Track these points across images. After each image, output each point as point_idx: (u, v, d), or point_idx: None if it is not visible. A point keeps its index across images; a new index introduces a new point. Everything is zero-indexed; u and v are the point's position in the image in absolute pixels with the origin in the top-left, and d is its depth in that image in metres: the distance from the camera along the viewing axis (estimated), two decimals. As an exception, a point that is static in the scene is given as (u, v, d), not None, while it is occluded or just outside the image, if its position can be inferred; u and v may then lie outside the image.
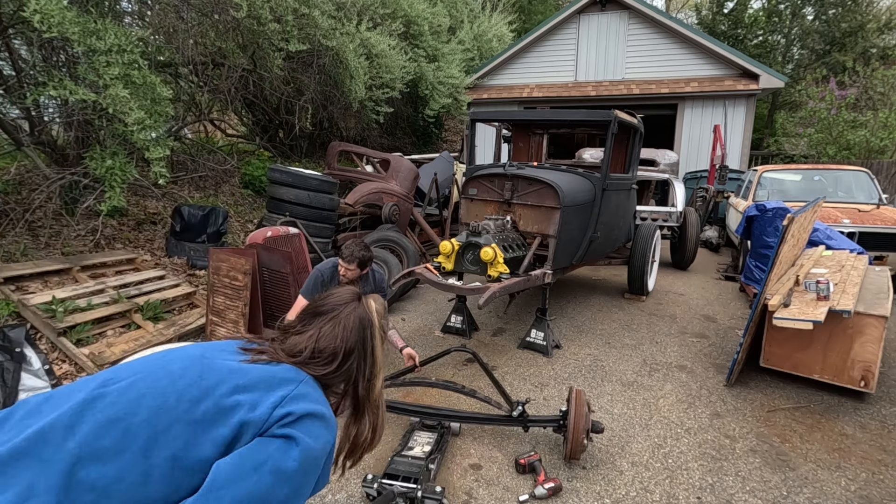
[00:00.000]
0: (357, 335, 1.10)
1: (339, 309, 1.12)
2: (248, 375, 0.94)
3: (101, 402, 0.85)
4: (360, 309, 1.14)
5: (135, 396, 0.86)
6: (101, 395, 0.86)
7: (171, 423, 0.84)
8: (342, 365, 1.07)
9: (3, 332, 3.15)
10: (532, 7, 21.35)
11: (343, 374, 1.08)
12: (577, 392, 2.53)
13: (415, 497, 2.12)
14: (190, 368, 0.92)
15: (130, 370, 0.93)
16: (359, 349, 1.09)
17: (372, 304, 1.18)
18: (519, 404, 2.65)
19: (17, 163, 5.38)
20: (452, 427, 2.78)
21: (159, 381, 0.89)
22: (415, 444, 2.53)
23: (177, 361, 0.95)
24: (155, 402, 0.85)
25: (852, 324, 3.14)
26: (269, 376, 0.95)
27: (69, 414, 0.83)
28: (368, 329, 1.12)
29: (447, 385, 2.92)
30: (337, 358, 1.06)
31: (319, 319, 1.10)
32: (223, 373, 0.93)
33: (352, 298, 1.16)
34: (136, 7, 5.36)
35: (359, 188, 6.24)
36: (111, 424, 0.82)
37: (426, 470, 2.29)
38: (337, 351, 1.06)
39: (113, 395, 0.86)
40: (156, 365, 0.93)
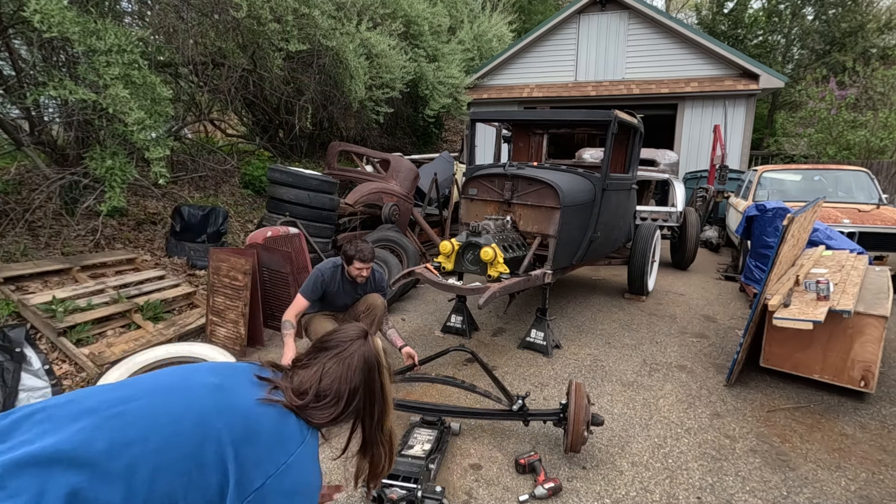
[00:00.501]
0: (361, 375, 1.09)
1: (344, 346, 1.11)
2: (259, 428, 0.95)
3: (119, 420, 0.86)
4: (365, 347, 1.13)
5: (150, 423, 0.87)
6: (120, 413, 0.87)
7: (179, 459, 0.86)
8: (347, 406, 1.07)
9: (3, 332, 3.15)
10: (532, 7, 21.35)
11: (350, 415, 1.09)
12: (577, 385, 2.54)
13: (415, 497, 2.12)
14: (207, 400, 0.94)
15: (149, 385, 0.94)
16: (364, 389, 1.09)
17: (378, 342, 1.17)
18: (519, 398, 2.66)
19: (17, 163, 5.38)
20: (452, 427, 2.78)
21: (175, 405, 0.91)
22: (415, 441, 2.53)
23: (196, 390, 0.96)
24: (169, 430, 0.87)
25: (852, 324, 3.14)
26: (275, 435, 0.96)
27: (89, 429, 0.83)
28: (375, 369, 1.12)
29: (447, 380, 2.92)
30: (342, 399, 1.06)
31: (324, 355, 1.11)
32: (237, 415, 0.94)
33: (358, 335, 1.15)
34: (136, 7, 5.36)
35: (359, 188, 6.24)
36: (124, 448, 0.83)
37: (426, 470, 2.29)
38: (341, 392, 1.07)
39: (130, 416, 0.87)
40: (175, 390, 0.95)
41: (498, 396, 2.77)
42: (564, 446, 2.54)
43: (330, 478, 2.40)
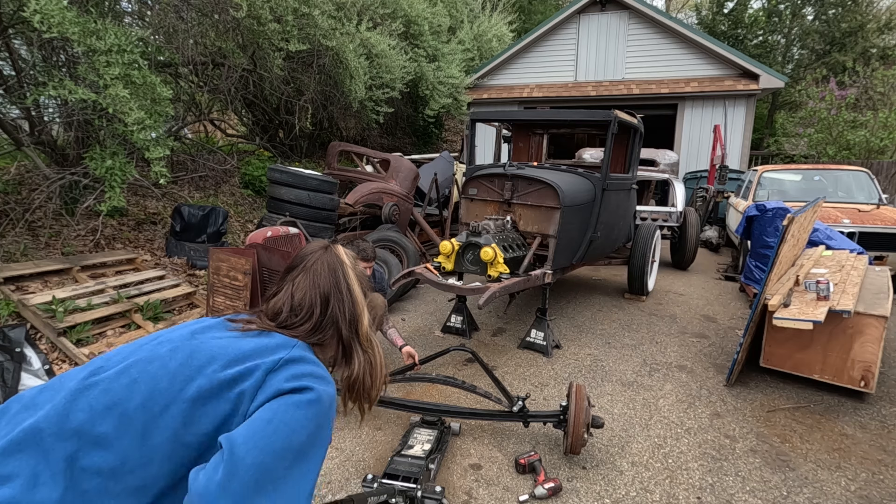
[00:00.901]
0: (329, 279, 1.09)
1: (307, 258, 1.12)
2: (241, 348, 0.94)
3: (95, 389, 0.86)
4: (327, 254, 1.13)
5: (127, 382, 0.86)
6: (94, 383, 0.86)
7: (167, 405, 0.85)
8: (324, 314, 1.06)
9: (3, 332, 3.15)
10: (532, 7, 21.35)
11: (328, 324, 1.06)
12: (578, 387, 2.54)
13: (415, 497, 2.12)
14: (179, 349, 0.93)
15: (120, 356, 0.93)
16: (335, 293, 1.08)
17: (340, 248, 1.17)
18: (519, 399, 2.66)
19: (17, 163, 5.38)
20: (452, 427, 2.78)
21: (150, 364, 0.89)
22: (415, 441, 2.53)
23: (165, 344, 0.95)
24: (147, 387, 0.86)
25: (852, 324, 3.14)
26: (261, 346, 0.95)
27: (63, 403, 0.83)
28: (339, 269, 1.11)
29: (447, 380, 2.91)
30: (315, 307, 1.06)
31: (292, 274, 1.11)
32: (214, 350, 0.93)
33: (320, 247, 1.15)
34: (136, 7, 5.36)
35: (359, 188, 6.24)
36: (107, 411, 0.83)
37: (426, 470, 2.29)
38: (313, 301, 1.06)
39: (105, 383, 0.86)
40: (145, 349, 0.94)
41: (498, 397, 2.77)
42: (564, 448, 2.54)
43: (330, 478, 2.41)
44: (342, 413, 1.24)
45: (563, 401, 2.65)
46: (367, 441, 2.71)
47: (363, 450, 2.64)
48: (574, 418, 2.42)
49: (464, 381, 2.90)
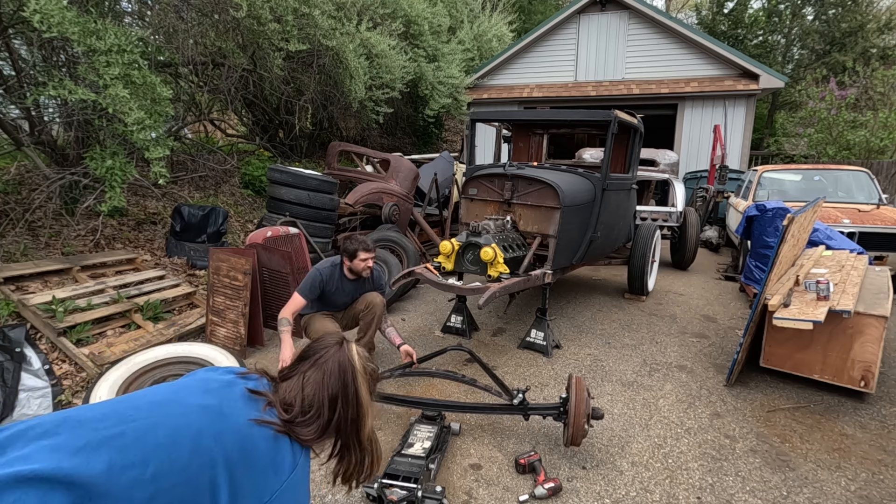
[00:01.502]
0: (338, 380, 1.11)
1: (321, 353, 1.15)
2: (254, 452, 0.96)
3: (119, 441, 0.86)
4: (339, 353, 1.15)
5: (152, 446, 0.87)
6: (121, 433, 0.87)
7: (175, 485, 0.86)
8: (331, 416, 1.09)
9: (3, 332, 3.15)
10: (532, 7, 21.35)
11: (333, 427, 1.11)
12: (577, 378, 2.55)
13: (415, 497, 2.12)
14: (202, 423, 0.94)
15: (149, 405, 0.95)
16: (342, 396, 1.11)
17: (354, 348, 1.19)
18: (519, 392, 2.65)
19: (17, 163, 5.38)
20: (453, 427, 2.78)
21: (173, 428, 0.91)
22: (415, 439, 2.53)
23: (192, 412, 0.96)
24: (166, 456, 0.87)
25: (852, 324, 3.14)
26: (269, 461, 0.98)
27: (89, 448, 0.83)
28: (350, 372, 1.13)
29: (447, 374, 2.91)
30: (324, 409, 1.09)
31: (304, 364, 1.14)
32: (232, 439, 0.95)
33: (335, 342, 1.18)
34: (136, 7, 5.36)
35: (359, 188, 6.24)
36: (123, 471, 0.83)
37: (426, 469, 2.29)
38: (322, 401, 1.09)
39: (130, 437, 0.87)
40: (172, 412, 0.95)
41: (498, 391, 2.77)
42: (565, 440, 2.54)
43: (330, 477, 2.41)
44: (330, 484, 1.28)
45: (562, 394, 2.65)
46: (367, 441, 2.71)
47: (363, 450, 2.63)
48: (574, 409, 2.43)
49: (463, 375, 2.90)
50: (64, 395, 3.07)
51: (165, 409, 0.95)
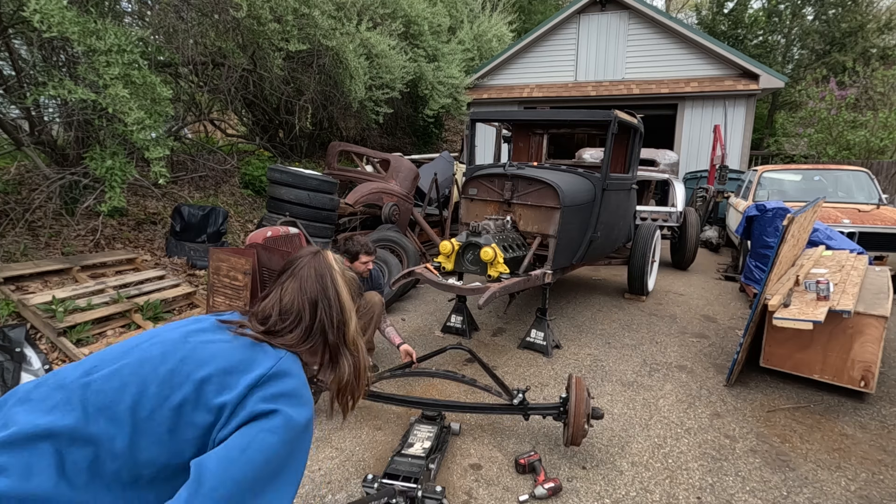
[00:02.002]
0: (316, 283, 1.10)
1: (297, 262, 1.13)
2: (230, 358, 0.94)
3: (88, 390, 0.88)
4: (315, 259, 1.14)
5: (118, 385, 0.89)
6: (87, 383, 0.89)
7: (154, 410, 0.87)
8: (312, 321, 1.07)
9: (3, 332, 3.15)
10: (532, 7, 21.35)
11: (317, 331, 1.07)
12: (577, 378, 2.55)
13: (415, 497, 2.12)
14: (171, 353, 0.94)
15: (114, 355, 0.95)
16: (322, 298, 1.09)
17: (329, 253, 1.18)
18: (519, 392, 2.65)
19: (17, 163, 5.38)
20: (453, 427, 2.78)
21: (141, 367, 0.92)
22: (415, 439, 2.52)
23: (158, 346, 0.96)
24: (137, 390, 0.88)
25: (852, 324, 3.14)
26: (248, 359, 0.95)
27: (57, 401, 0.87)
28: (328, 275, 1.11)
29: (447, 374, 2.90)
30: (304, 313, 1.06)
31: (282, 279, 1.12)
32: (204, 357, 0.94)
33: (309, 252, 1.16)
34: (136, 7, 5.36)
35: (359, 188, 6.24)
36: (98, 413, 0.86)
37: (426, 469, 2.29)
38: (302, 306, 1.07)
39: (98, 383, 0.89)
40: (139, 351, 0.96)
41: (498, 391, 2.77)
42: (565, 439, 2.54)
43: (330, 477, 2.41)
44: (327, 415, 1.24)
45: (562, 394, 2.65)
46: (367, 441, 2.71)
47: (363, 450, 2.64)
48: (574, 409, 2.43)
49: (463, 375, 2.90)
50: (64, 395, 3.07)
51: (132, 350, 0.96)
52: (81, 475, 0.83)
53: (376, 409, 3.06)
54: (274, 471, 0.87)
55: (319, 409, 3.02)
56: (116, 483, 0.86)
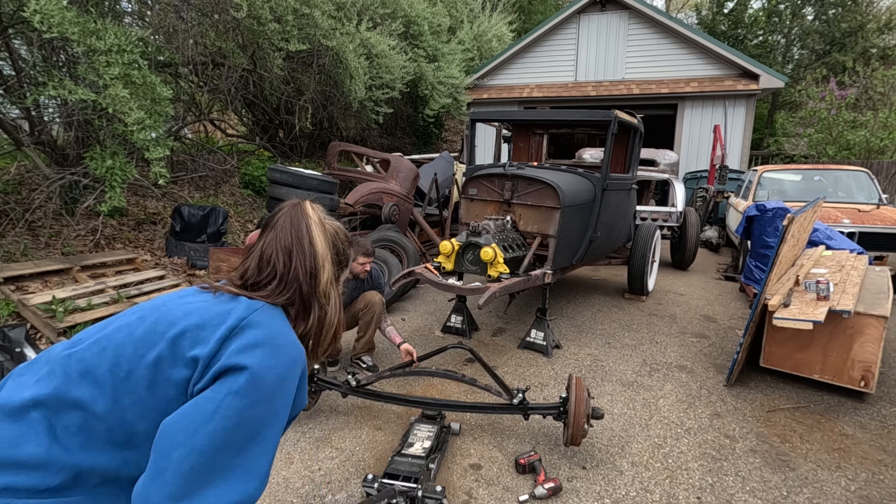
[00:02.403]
0: (290, 231, 1.06)
1: (276, 215, 1.11)
2: (204, 314, 0.94)
3: (71, 359, 0.91)
4: (293, 209, 1.11)
5: (97, 351, 0.91)
6: (71, 354, 0.92)
7: (131, 370, 0.88)
8: (287, 268, 1.03)
9: (3, 332, 3.15)
10: (532, 7, 21.36)
11: (293, 281, 1.04)
12: (577, 378, 2.55)
13: (415, 496, 2.12)
14: (147, 317, 0.95)
15: (96, 329, 0.98)
16: (296, 246, 1.05)
17: (308, 203, 1.14)
18: (519, 392, 2.65)
19: (17, 163, 5.38)
20: (453, 427, 2.79)
21: (118, 332, 0.94)
22: (415, 439, 2.53)
23: (136, 312, 0.98)
24: (113, 353, 0.90)
25: (852, 324, 3.14)
26: (223, 312, 0.94)
27: (45, 374, 0.90)
28: (303, 223, 1.08)
29: (447, 374, 2.89)
30: (278, 263, 1.03)
31: (264, 233, 1.10)
32: (178, 315, 0.94)
33: (288, 204, 1.13)
34: (136, 7, 5.36)
35: (359, 188, 6.24)
36: (80, 378, 0.89)
37: (426, 469, 2.29)
38: (277, 254, 1.04)
39: (80, 353, 0.92)
40: (118, 320, 0.98)
41: (498, 391, 2.77)
42: (565, 439, 2.53)
43: (330, 477, 2.41)
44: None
45: (562, 393, 2.65)
46: (367, 441, 2.72)
47: (363, 450, 2.64)
48: (574, 409, 2.43)
49: (463, 375, 2.89)
50: (64, 395, 3.07)
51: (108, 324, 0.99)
52: (74, 438, 0.85)
53: (376, 409, 3.05)
54: (247, 435, 0.85)
55: (319, 409, 3.02)
56: (111, 444, 0.87)
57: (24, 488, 0.80)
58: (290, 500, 2.27)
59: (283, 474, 2.44)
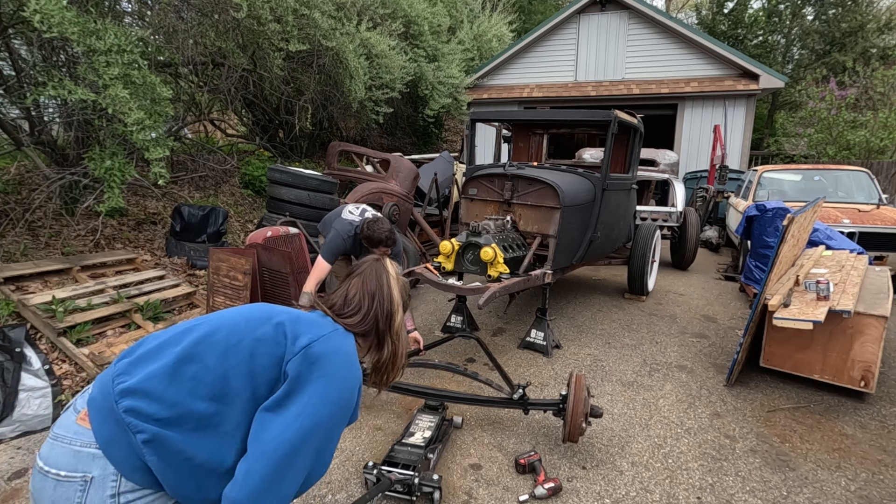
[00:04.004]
0: (376, 282, 1.37)
1: (361, 265, 1.43)
2: (301, 317, 1.24)
3: (194, 330, 1.17)
4: (377, 263, 1.43)
5: (216, 325, 1.18)
6: (194, 326, 1.19)
7: (242, 339, 1.14)
8: (370, 309, 1.34)
9: (3, 332, 3.15)
10: (532, 7, 21.35)
11: (372, 318, 1.34)
12: (578, 377, 2.58)
13: (412, 484, 2.16)
14: (256, 308, 1.25)
15: (210, 316, 1.24)
16: (378, 293, 1.36)
17: (388, 261, 1.46)
18: (520, 387, 2.69)
19: (17, 163, 5.38)
20: (455, 420, 2.81)
21: (233, 316, 1.22)
22: (416, 429, 2.60)
23: (245, 306, 1.27)
24: (230, 326, 1.18)
25: (852, 324, 3.14)
26: (314, 320, 1.24)
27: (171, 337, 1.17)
28: (385, 276, 1.39)
29: (450, 367, 2.94)
30: (363, 303, 1.34)
31: (349, 278, 1.41)
32: (279, 311, 1.24)
33: (373, 259, 1.46)
34: (136, 7, 5.36)
35: (359, 188, 6.23)
36: (201, 341, 1.14)
37: (425, 459, 2.34)
38: (363, 298, 1.35)
39: (201, 327, 1.18)
40: (229, 311, 1.26)
41: (500, 385, 2.80)
42: (563, 436, 2.55)
43: (330, 477, 2.41)
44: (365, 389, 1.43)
45: (563, 390, 2.66)
46: (367, 441, 2.72)
47: (363, 450, 2.64)
48: (573, 407, 2.46)
49: (465, 369, 2.94)
50: (64, 395, 3.07)
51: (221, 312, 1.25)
52: (186, 384, 1.08)
53: (376, 409, 3.06)
54: (326, 433, 1.12)
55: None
56: (210, 396, 1.08)
57: (145, 413, 1.03)
58: (290, 500, 2.27)
59: (283, 474, 2.44)
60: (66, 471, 1.01)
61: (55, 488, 1.00)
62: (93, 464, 1.01)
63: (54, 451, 1.03)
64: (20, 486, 2.37)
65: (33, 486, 1.04)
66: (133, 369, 1.09)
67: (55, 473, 1.01)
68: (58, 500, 1.00)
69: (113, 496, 1.01)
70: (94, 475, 1.01)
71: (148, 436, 1.02)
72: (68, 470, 1.01)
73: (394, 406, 3.08)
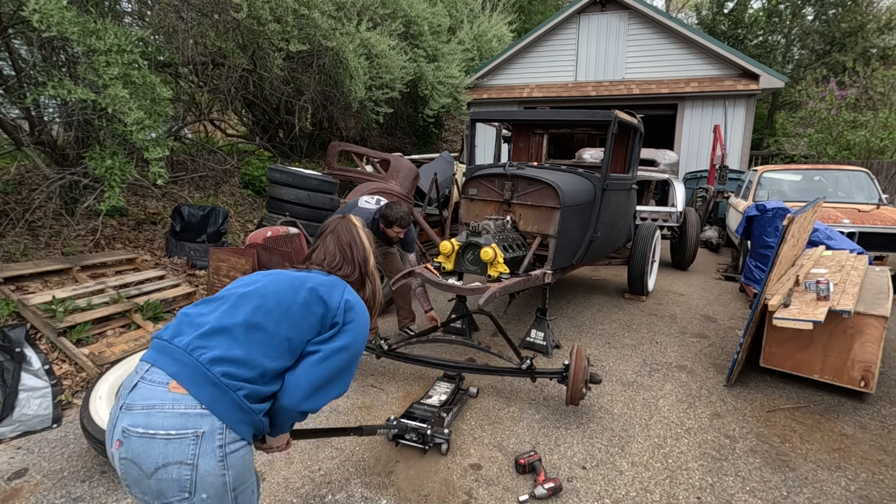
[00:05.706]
0: (348, 234, 1.64)
1: (330, 225, 1.68)
2: (320, 277, 1.49)
3: (246, 301, 1.38)
4: (344, 220, 1.69)
5: (261, 294, 1.40)
6: (247, 294, 1.40)
7: (290, 306, 1.38)
8: (352, 258, 1.61)
9: (3, 332, 3.15)
10: (532, 7, 21.35)
11: (355, 265, 1.61)
12: (578, 349, 2.90)
13: (425, 433, 2.54)
14: (283, 276, 1.47)
15: (255, 279, 1.47)
16: (353, 242, 1.63)
17: (351, 216, 1.72)
18: (527, 359, 3.03)
19: (17, 163, 5.38)
20: (470, 390, 3.18)
21: (269, 286, 1.43)
22: (434, 393, 3.03)
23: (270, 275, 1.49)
24: (275, 296, 1.40)
25: (852, 324, 3.14)
26: (331, 280, 1.49)
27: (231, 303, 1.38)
28: (354, 228, 1.67)
29: (465, 342, 3.42)
30: (346, 256, 1.60)
31: (322, 237, 1.66)
32: (304, 276, 1.48)
33: (338, 217, 1.71)
34: (136, 7, 5.36)
35: (359, 188, 6.23)
36: (257, 310, 1.36)
37: (439, 416, 2.71)
38: (343, 249, 1.61)
39: (251, 298, 1.39)
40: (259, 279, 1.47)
41: (509, 357, 3.14)
42: (566, 400, 2.90)
43: (330, 477, 2.41)
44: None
45: (566, 360, 2.99)
46: (367, 441, 2.72)
47: (363, 450, 2.64)
48: (574, 374, 2.80)
49: (479, 343, 3.40)
50: (64, 395, 3.07)
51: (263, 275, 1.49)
52: (259, 348, 1.32)
53: (376, 409, 3.06)
54: (354, 356, 1.45)
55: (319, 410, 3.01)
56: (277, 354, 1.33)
57: (236, 376, 1.26)
58: (290, 500, 2.27)
59: (283, 474, 2.44)
60: (177, 430, 1.18)
61: (166, 445, 1.17)
62: (202, 421, 1.20)
63: (155, 418, 1.19)
64: (20, 486, 2.37)
65: (131, 450, 1.18)
66: (208, 342, 1.28)
67: (164, 434, 1.17)
68: (171, 454, 1.17)
69: (221, 446, 1.22)
70: (205, 430, 1.20)
71: (247, 391, 1.27)
72: (178, 429, 1.18)
73: (394, 406, 3.08)
